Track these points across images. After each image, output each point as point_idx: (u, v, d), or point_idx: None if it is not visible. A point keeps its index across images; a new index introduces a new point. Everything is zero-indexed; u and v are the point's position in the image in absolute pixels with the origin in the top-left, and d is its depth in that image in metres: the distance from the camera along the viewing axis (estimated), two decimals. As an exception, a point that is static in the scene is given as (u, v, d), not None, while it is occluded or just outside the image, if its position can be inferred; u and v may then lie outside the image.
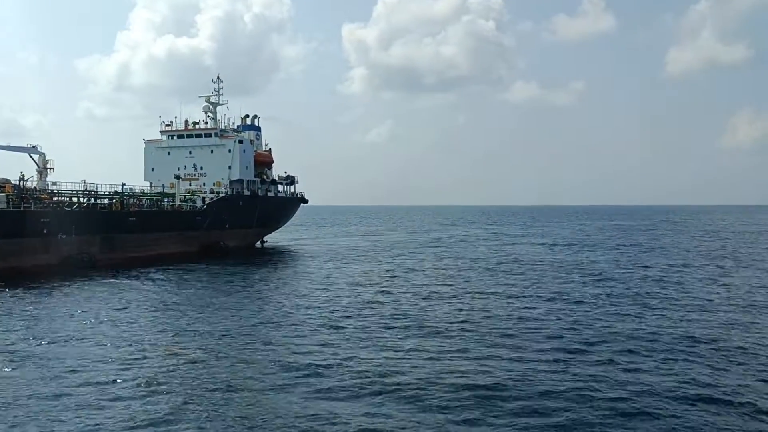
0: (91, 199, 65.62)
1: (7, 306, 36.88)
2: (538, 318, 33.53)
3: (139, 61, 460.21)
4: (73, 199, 63.84)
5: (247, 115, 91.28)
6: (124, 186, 71.64)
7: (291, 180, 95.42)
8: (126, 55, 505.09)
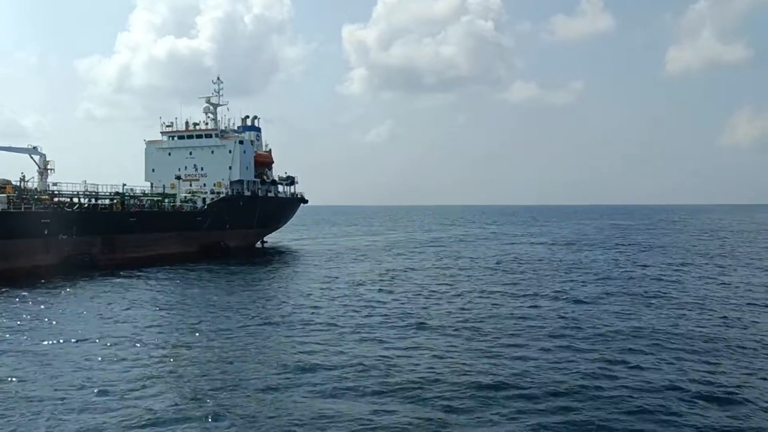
0: (92, 199, 65.68)
1: (8, 306, 37.01)
2: (538, 316, 33.65)
3: (139, 62, 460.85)
4: (74, 199, 63.92)
5: (247, 116, 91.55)
6: (125, 187, 71.75)
7: (291, 180, 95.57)
8: (126, 56, 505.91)
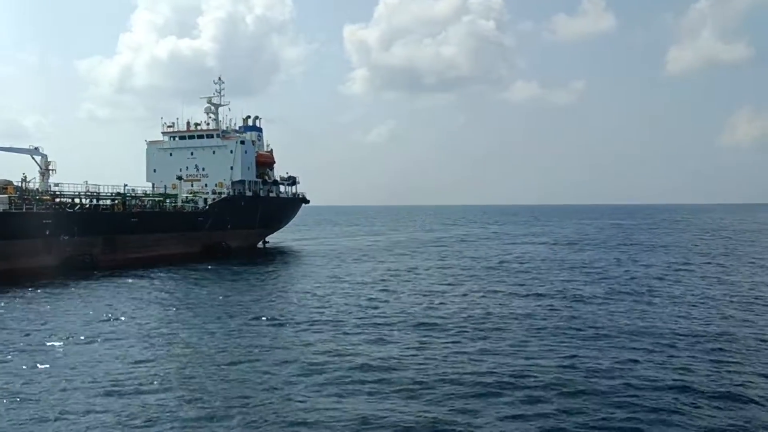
0: (93, 200, 65.68)
1: (10, 306, 36.97)
2: (541, 315, 33.61)
3: (141, 63, 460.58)
4: (75, 200, 63.93)
5: (248, 116, 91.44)
6: (126, 187, 71.72)
7: (292, 180, 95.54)
8: (128, 57, 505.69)
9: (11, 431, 17.71)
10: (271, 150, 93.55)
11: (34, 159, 63.09)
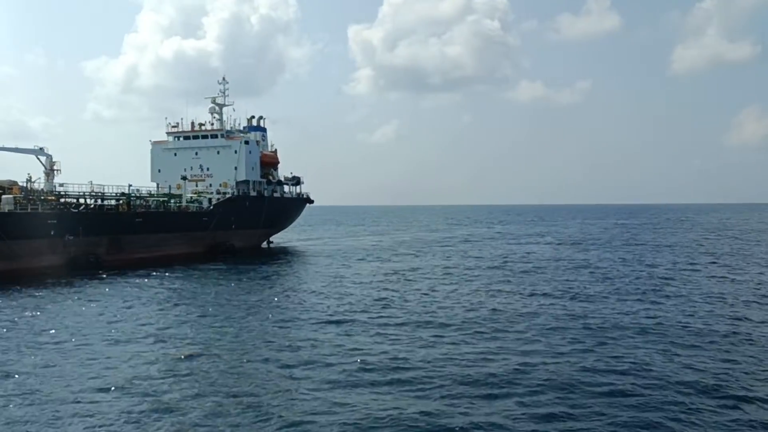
0: (98, 200, 65.78)
1: (15, 306, 37.00)
2: (547, 314, 33.51)
3: (146, 63, 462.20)
4: (80, 200, 64.03)
5: (252, 116, 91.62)
6: (131, 187, 71.77)
7: (297, 180, 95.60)
8: (133, 57, 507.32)
9: (24, 428, 17.73)
10: (276, 150, 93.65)
11: (39, 159, 63.25)
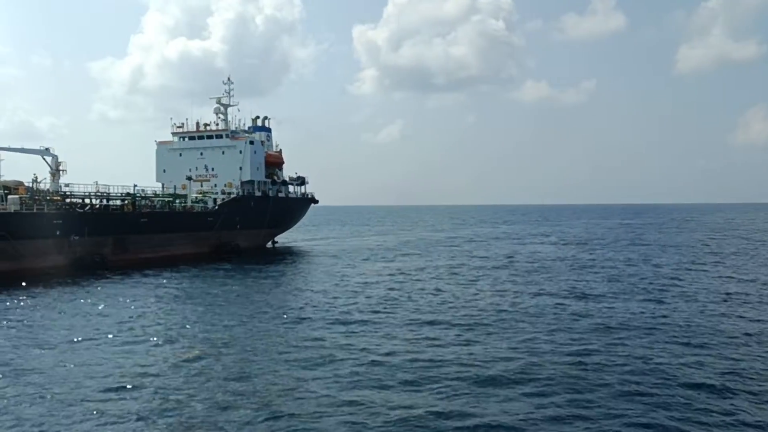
0: (104, 200, 65.94)
1: (24, 306, 37.08)
2: (553, 313, 33.46)
3: (152, 64, 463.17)
4: (86, 200, 64.19)
5: (257, 116, 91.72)
6: (136, 187, 71.95)
7: (301, 180, 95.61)
8: (139, 58, 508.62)
9: (36, 426, 17.84)
10: (280, 150, 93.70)
11: (44, 159, 63.40)
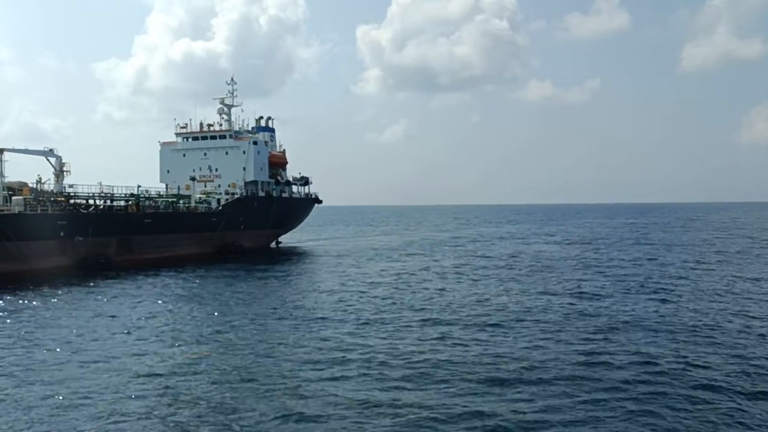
0: (108, 201, 66.02)
1: (25, 307, 37.07)
2: (558, 312, 33.39)
3: (156, 65, 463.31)
4: (90, 201, 64.25)
5: (261, 117, 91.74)
6: (140, 188, 71.90)
7: (305, 181, 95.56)
8: (143, 59, 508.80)
9: (48, 423, 17.96)
10: (284, 150, 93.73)
11: (48, 161, 63.44)
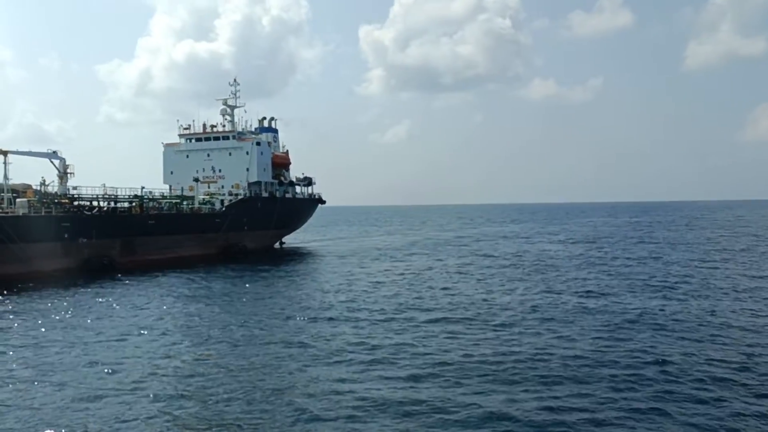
0: (111, 202, 66.06)
1: (34, 309, 37.07)
2: (567, 309, 33.39)
3: (159, 66, 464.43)
4: (94, 203, 64.30)
5: (264, 118, 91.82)
6: (144, 189, 71.97)
7: (308, 181, 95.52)
8: (146, 60, 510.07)
9: (61, 419, 18.23)
10: (287, 151, 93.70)
11: (52, 162, 63.46)
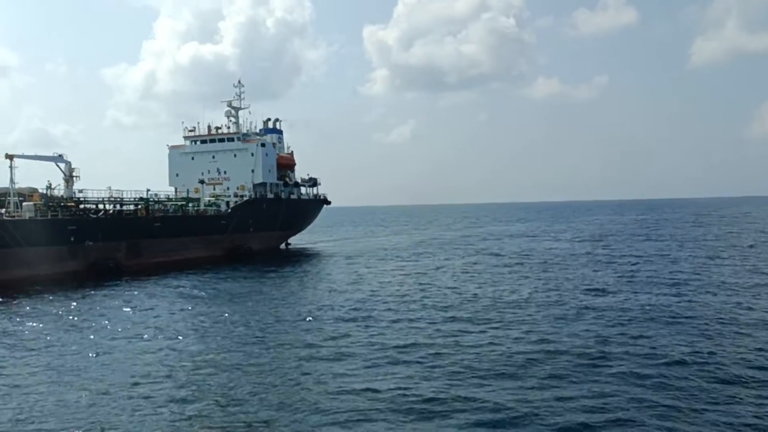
0: (117, 205, 66.19)
1: (44, 312, 37.11)
2: (575, 307, 33.29)
3: (164, 69, 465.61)
4: (99, 206, 64.43)
5: (269, 119, 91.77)
6: (149, 192, 72.02)
7: (313, 182, 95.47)
8: (151, 64, 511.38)
9: (73, 419, 18.33)
10: (292, 152, 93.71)
11: (58, 166, 63.65)
